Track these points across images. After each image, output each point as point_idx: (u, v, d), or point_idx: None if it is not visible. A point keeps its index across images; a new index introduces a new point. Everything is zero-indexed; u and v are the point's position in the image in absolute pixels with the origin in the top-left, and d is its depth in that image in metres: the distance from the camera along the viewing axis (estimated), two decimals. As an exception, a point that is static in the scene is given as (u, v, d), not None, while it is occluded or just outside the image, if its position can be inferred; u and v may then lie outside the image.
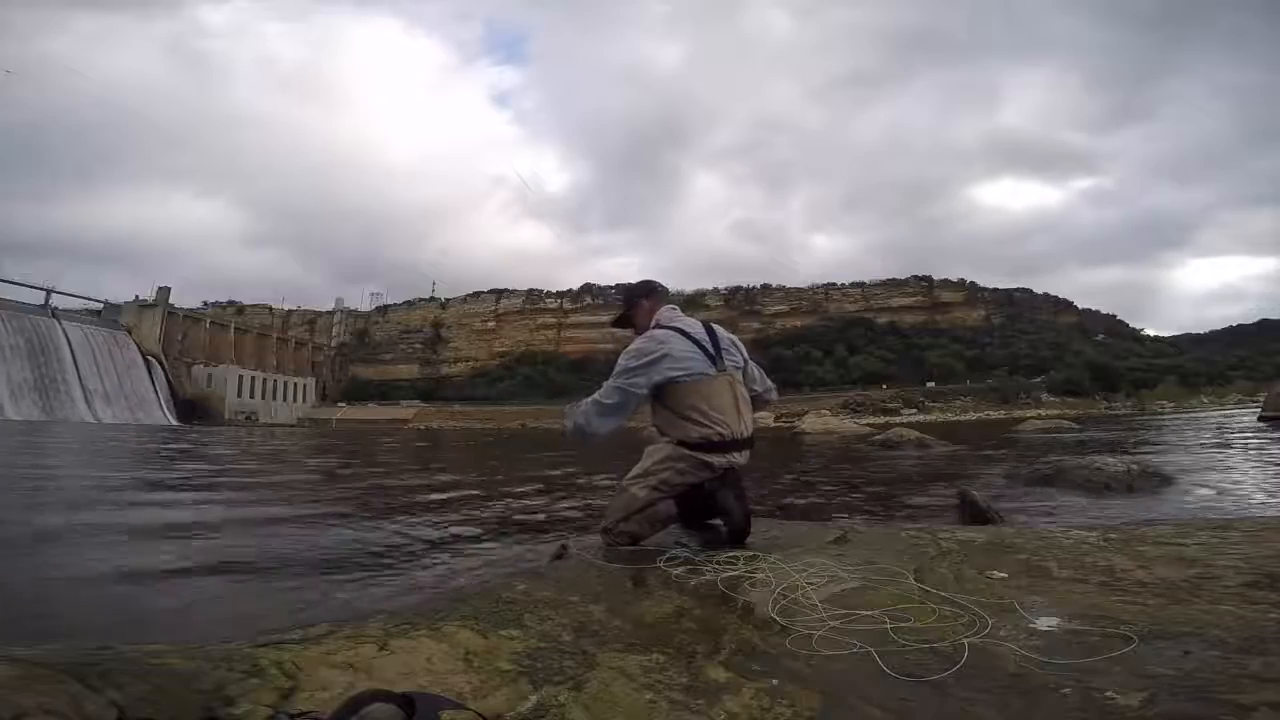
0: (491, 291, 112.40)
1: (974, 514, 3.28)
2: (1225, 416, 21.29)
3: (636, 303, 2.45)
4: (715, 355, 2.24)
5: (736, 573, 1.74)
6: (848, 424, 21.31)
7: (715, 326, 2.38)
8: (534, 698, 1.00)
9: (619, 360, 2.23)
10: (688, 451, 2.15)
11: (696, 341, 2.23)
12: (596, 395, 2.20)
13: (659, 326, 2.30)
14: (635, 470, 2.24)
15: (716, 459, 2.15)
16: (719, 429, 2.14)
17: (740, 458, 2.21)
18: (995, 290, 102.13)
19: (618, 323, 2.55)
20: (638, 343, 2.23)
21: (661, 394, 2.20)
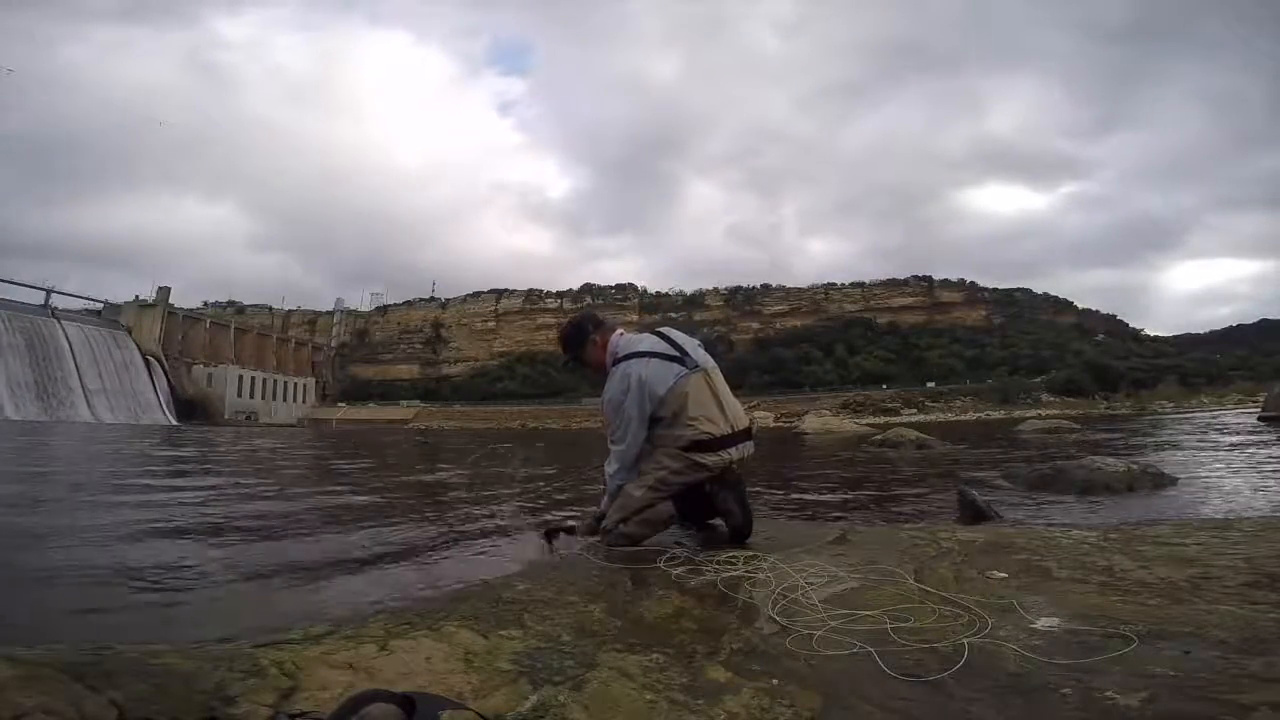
0: (491, 291, 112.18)
1: (974, 514, 3.28)
2: (1225, 417, 21.30)
3: (587, 341, 2.38)
4: (681, 355, 2.23)
5: (736, 573, 1.74)
6: (848, 424, 21.34)
7: (667, 330, 2.37)
8: (534, 698, 1.00)
9: (606, 411, 2.23)
10: (681, 452, 2.14)
11: (658, 354, 2.22)
12: (614, 465, 2.22)
13: (617, 360, 2.26)
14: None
15: (710, 458, 2.14)
16: (704, 428, 2.13)
17: (736, 452, 2.19)
18: (995, 290, 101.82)
19: (571, 364, 2.47)
20: (610, 390, 2.22)
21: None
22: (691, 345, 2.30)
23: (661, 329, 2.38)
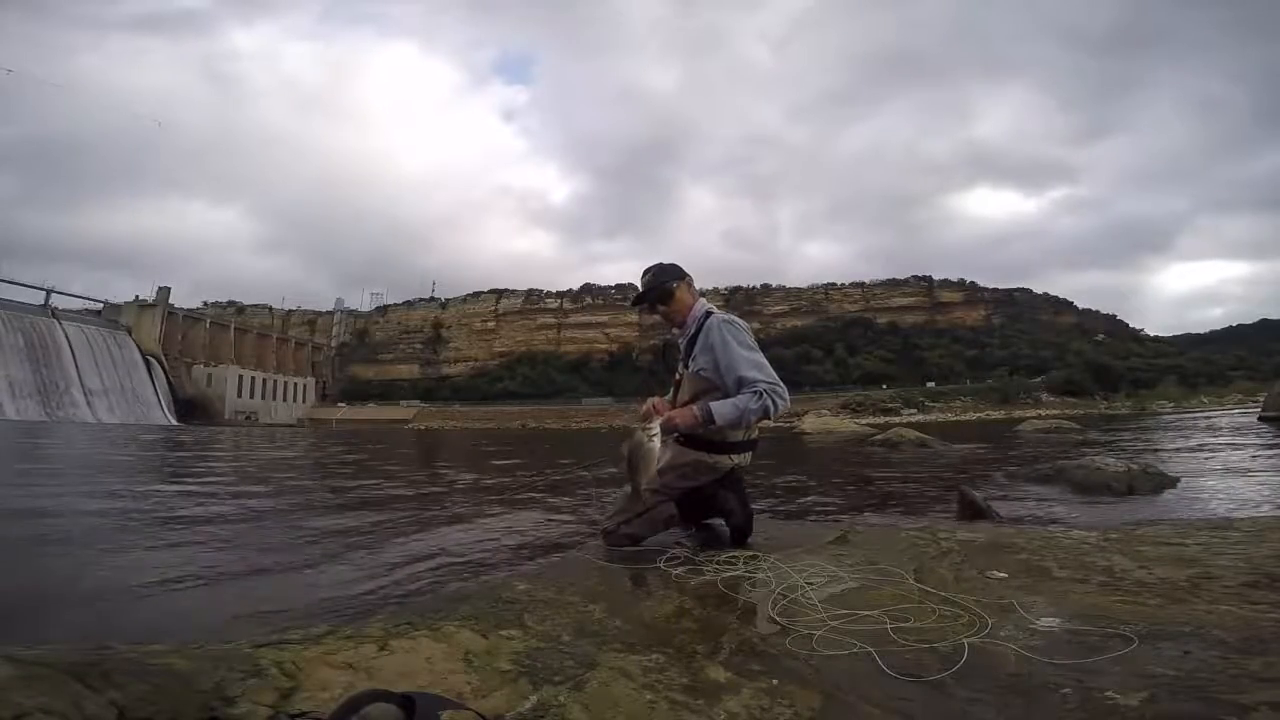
0: (491, 292, 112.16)
1: (973, 513, 3.28)
2: (1225, 417, 21.29)
3: (684, 281, 2.31)
4: None
5: (736, 573, 1.74)
6: (848, 424, 21.30)
7: None
8: (534, 698, 0.99)
9: (731, 339, 2.07)
10: (695, 454, 2.13)
11: None
12: (765, 379, 2.00)
13: (715, 315, 2.20)
14: None
15: (723, 460, 2.14)
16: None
17: (744, 459, 2.20)
18: (995, 290, 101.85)
19: (645, 299, 2.33)
20: (741, 326, 2.14)
21: (706, 385, 2.11)
22: None
23: None
